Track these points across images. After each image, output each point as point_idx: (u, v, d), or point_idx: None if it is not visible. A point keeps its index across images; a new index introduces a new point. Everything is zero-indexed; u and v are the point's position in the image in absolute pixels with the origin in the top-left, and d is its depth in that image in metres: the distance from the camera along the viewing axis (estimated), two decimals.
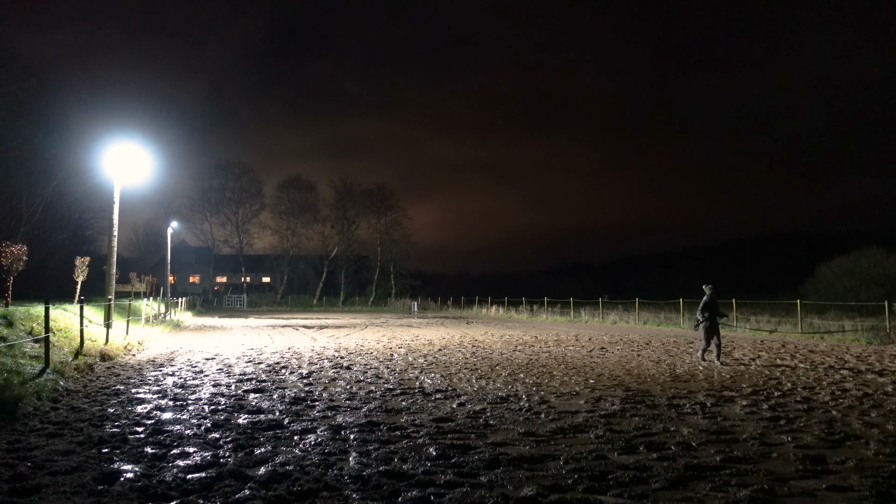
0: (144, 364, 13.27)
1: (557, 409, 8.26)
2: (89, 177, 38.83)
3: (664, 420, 7.62)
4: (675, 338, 22.14)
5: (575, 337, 22.41)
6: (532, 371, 12.36)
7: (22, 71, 34.49)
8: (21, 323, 13.73)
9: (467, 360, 14.21)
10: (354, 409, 8.26)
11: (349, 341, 19.82)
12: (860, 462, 5.77)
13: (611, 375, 11.82)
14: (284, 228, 77.16)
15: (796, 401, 9.04)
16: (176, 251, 71.40)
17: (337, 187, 78.51)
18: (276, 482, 5.09)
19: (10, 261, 17.47)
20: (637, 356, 15.51)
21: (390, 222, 79.19)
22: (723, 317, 14.38)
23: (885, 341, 19.99)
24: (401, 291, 76.63)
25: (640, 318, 34.11)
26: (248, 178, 77.56)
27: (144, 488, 4.91)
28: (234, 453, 5.97)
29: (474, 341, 19.99)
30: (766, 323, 27.26)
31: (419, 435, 6.76)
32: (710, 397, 9.27)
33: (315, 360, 13.99)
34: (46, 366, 10.78)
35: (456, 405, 8.52)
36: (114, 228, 19.17)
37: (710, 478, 5.27)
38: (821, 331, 24.14)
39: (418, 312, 52.81)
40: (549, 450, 6.19)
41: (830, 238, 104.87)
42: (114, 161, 18.99)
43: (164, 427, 7.06)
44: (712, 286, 14.15)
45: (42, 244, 37.76)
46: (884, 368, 13.03)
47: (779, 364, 13.86)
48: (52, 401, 8.62)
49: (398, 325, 30.77)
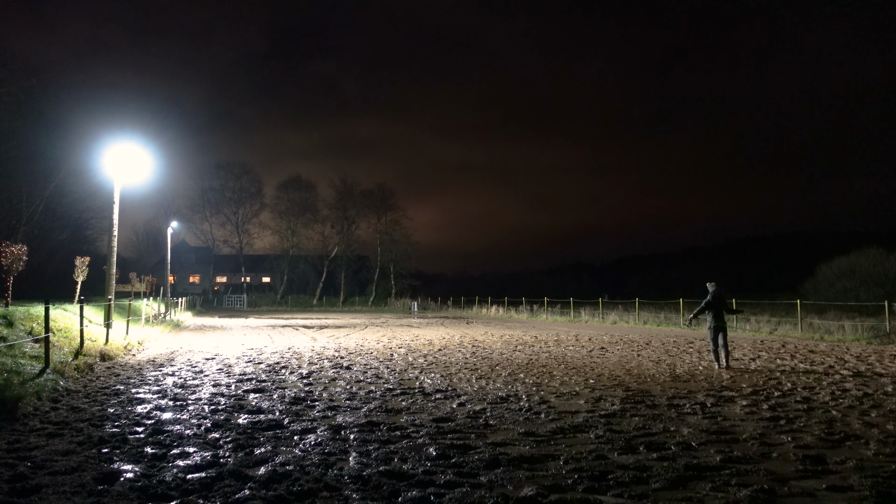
0: (144, 364, 13.27)
1: (557, 409, 8.26)
2: (89, 177, 38.86)
3: (664, 420, 7.62)
4: (675, 338, 22.14)
5: (575, 337, 22.41)
6: (532, 371, 12.36)
7: (22, 71, 34.54)
8: (21, 323, 13.73)
9: (467, 360, 14.21)
10: (354, 409, 8.26)
11: (349, 341, 19.82)
12: (860, 462, 5.76)
13: (611, 375, 11.82)
14: (284, 228, 77.21)
15: (796, 401, 9.04)
16: (176, 251, 71.41)
17: (337, 187, 78.65)
18: (276, 482, 5.09)
19: (10, 261, 17.47)
20: (637, 356, 15.51)
21: (390, 222, 79.26)
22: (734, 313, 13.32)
23: (885, 341, 19.99)
24: (401, 291, 76.63)
25: (640, 318, 34.11)
26: (248, 178, 77.66)
27: (144, 488, 4.91)
28: (234, 453, 5.97)
29: (474, 341, 19.99)
30: (766, 323, 27.24)
31: (419, 435, 6.76)
32: (710, 397, 9.27)
33: (315, 360, 13.99)
34: (46, 366, 10.78)
35: (456, 405, 8.52)
36: (114, 228, 19.18)
37: (710, 478, 5.27)
38: (821, 331, 24.12)
39: (418, 312, 52.80)
40: (549, 450, 6.19)
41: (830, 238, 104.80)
42: (114, 161, 18.99)
43: (164, 427, 7.06)
44: (716, 283, 13.25)
45: (42, 244, 37.78)
46: (884, 368, 13.02)
47: (779, 364, 13.86)
48: (52, 401, 8.62)
49: (398, 325, 30.76)
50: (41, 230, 38.98)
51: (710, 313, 13.07)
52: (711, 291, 13.15)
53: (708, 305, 13.07)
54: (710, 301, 13.05)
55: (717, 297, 13.04)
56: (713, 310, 13.00)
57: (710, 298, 13.07)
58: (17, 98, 33.42)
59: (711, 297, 13.07)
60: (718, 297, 13.05)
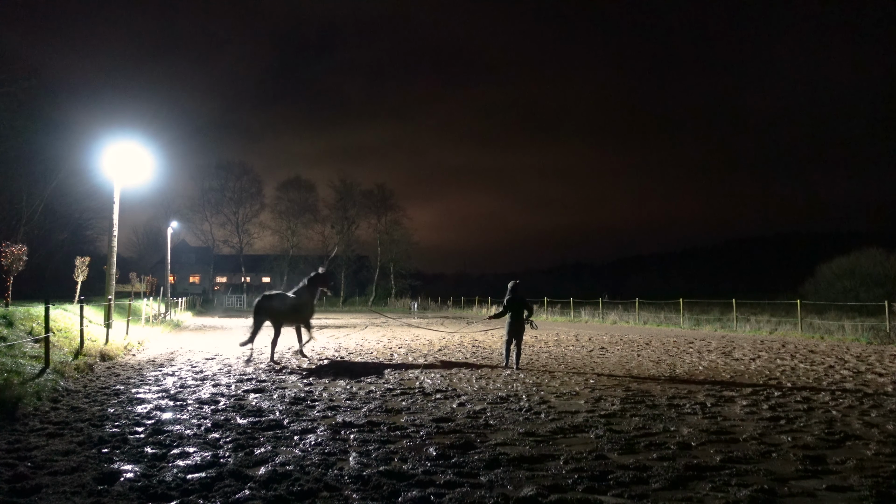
0: (144, 364, 13.27)
1: (557, 409, 8.26)
2: (89, 177, 38.84)
3: (664, 420, 7.62)
4: (675, 338, 22.13)
5: (575, 337, 22.41)
6: (532, 371, 12.35)
7: (22, 71, 34.54)
8: (21, 323, 13.72)
9: (467, 360, 14.20)
10: (354, 408, 8.26)
11: (349, 341, 19.80)
12: (860, 462, 5.76)
13: (611, 375, 11.82)
14: (284, 228, 77.24)
15: (796, 401, 9.04)
16: (176, 251, 71.40)
17: (337, 188, 78.61)
18: (276, 482, 5.09)
19: (10, 261, 17.46)
20: (637, 356, 15.50)
21: (390, 222, 79.27)
22: (529, 317, 12.82)
23: (885, 341, 19.99)
24: (401, 291, 76.60)
25: (640, 318, 34.09)
26: (249, 178, 77.63)
27: (144, 488, 4.91)
28: (234, 453, 5.97)
29: (474, 341, 19.98)
30: (766, 323, 27.23)
31: (419, 435, 6.76)
32: (710, 397, 9.27)
33: (315, 360, 13.99)
34: (46, 366, 10.77)
35: (456, 405, 8.52)
36: (114, 228, 19.17)
37: (710, 478, 5.27)
38: (821, 331, 24.13)
39: (418, 312, 52.79)
40: (549, 450, 6.19)
41: (830, 238, 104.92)
42: (114, 161, 18.98)
43: (164, 427, 7.05)
44: (516, 282, 12.81)
45: (42, 244, 37.79)
46: (884, 368, 13.02)
47: (779, 364, 13.86)
48: (52, 401, 8.62)
49: (398, 325, 30.76)
50: (41, 230, 38.99)
51: (509, 314, 12.75)
52: (510, 288, 12.85)
53: (508, 305, 12.77)
54: (509, 300, 12.77)
55: (517, 299, 12.76)
56: (512, 310, 12.72)
57: (510, 298, 12.77)
58: (16, 98, 33.43)
59: (510, 297, 12.78)
60: (518, 298, 12.78)
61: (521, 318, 12.77)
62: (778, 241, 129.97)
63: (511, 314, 12.75)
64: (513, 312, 12.74)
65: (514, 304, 12.78)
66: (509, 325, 12.74)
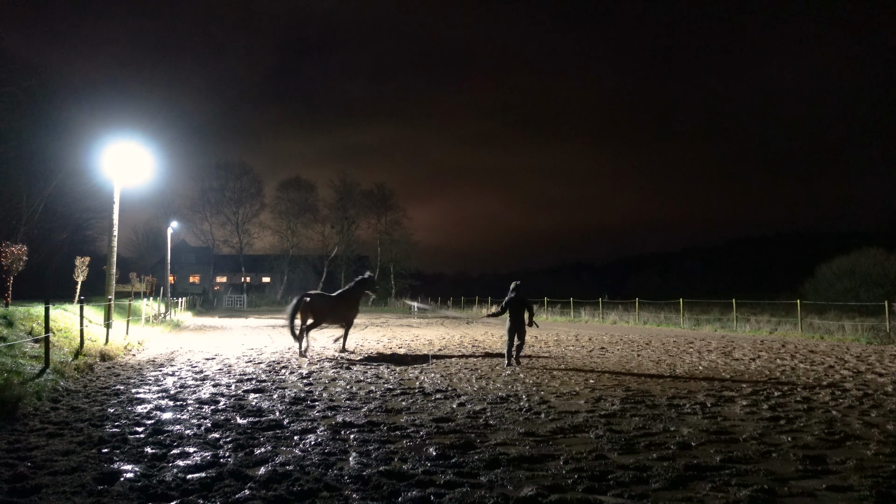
0: (144, 364, 13.27)
1: (557, 409, 8.26)
2: (89, 177, 38.85)
3: (664, 420, 7.62)
4: (675, 338, 22.13)
5: (575, 337, 22.40)
6: (532, 371, 12.35)
7: (22, 71, 34.55)
8: (21, 323, 13.72)
9: (467, 360, 14.20)
10: (354, 409, 8.26)
11: (349, 341, 19.79)
12: (860, 462, 5.76)
13: (611, 375, 11.82)
14: (284, 228, 77.25)
15: (796, 401, 9.04)
16: (176, 251, 71.35)
17: (337, 187, 78.62)
18: (276, 482, 5.08)
19: (10, 261, 17.47)
20: (637, 356, 15.50)
21: (390, 222, 79.34)
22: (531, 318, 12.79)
23: (885, 341, 19.99)
24: (401, 291, 76.61)
25: (640, 318, 34.09)
26: (249, 178, 77.66)
27: (144, 488, 4.91)
28: (234, 453, 5.97)
29: (474, 341, 19.98)
30: (766, 323, 27.23)
31: (419, 435, 6.76)
32: (710, 397, 9.27)
33: (315, 360, 13.99)
34: (46, 366, 10.78)
35: (456, 405, 8.52)
36: (114, 228, 19.17)
37: (710, 478, 5.27)
38: (821, 331, 24.12)
39: (418, 312, 52.78)
40: (549, 450, 6.19)
41: (830, 238, 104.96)
42: (114, 161, 18.98)
43: (164, 427, 7.05)
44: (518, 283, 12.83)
45: (42, 244, 37.80)
46: (884, 368, 13.02)
47: (779, 364, 13.86)
48: (52, 401, 8.62)
49: (398, 325, 30.76)
50: (41, 230, 39.00)
51: (508, 313, 12.76)
52: (512, 288, 12.87)
53: (507, 305, 12.77)
54: (510, 300, 12.75)
55: (517, 299, 12.75)
56: (512, 310, 12.72)
57: (510, 298, 12.74)
58: (16, 98, 33.43)
59: (511, 296, 12.74)
60: (518, 298, 12.76)
61: (520, 318, 12.80)
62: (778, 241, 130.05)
63: (511, 314, 12.78)
64: (512, 312, 12.77)
65: (514, 304, 12.81)
66: (509, 324, 12.80)
